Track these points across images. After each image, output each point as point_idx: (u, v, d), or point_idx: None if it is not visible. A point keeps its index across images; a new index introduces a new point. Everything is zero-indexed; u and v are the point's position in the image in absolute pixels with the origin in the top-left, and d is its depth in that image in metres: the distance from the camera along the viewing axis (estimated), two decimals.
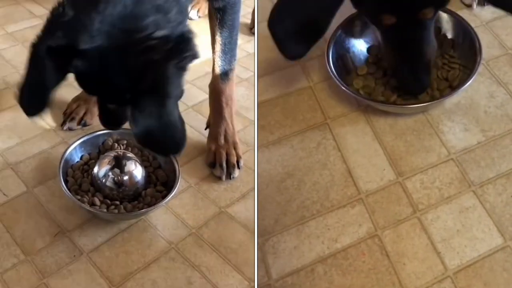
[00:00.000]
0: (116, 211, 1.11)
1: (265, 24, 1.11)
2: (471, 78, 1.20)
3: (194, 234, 1.10)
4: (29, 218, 1.11)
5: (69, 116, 1.31)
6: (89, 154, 1.22)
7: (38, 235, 1.09)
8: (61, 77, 0.92)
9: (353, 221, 1.09)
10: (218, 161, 1.23)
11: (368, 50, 1.33)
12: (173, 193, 1.11)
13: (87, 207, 1.09)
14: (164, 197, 1.12)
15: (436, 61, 1.27)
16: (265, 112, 1.29)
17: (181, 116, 0.97)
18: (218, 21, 1.19)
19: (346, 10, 1.29)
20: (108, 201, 1.12)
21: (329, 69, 1.25)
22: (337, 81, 1.23)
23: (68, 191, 1.10)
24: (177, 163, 1.16)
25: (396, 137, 1.21)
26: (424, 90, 1.20)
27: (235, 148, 1.24)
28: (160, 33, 0.91)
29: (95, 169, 1.13)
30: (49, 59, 0.88)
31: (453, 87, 1.23)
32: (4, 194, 1.16)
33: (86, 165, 1.20)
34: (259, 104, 1.31)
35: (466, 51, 1.27)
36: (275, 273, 1.04)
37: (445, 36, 1.30)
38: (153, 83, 0.91)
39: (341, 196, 1.13)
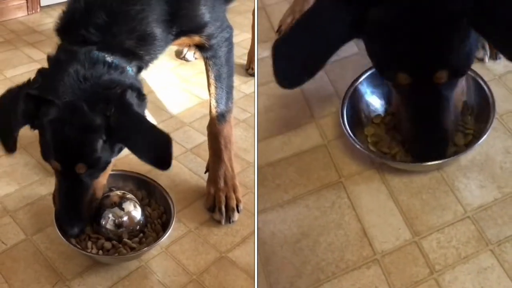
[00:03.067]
0: (117, 253, 1.10)
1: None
2: (486, 133, 1.20)
3: (195, 281, 1.08)
4: (28, 267, 1.11)
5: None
6: None
7: (37, 285, 1.08)
8: (26, 122, 1.04)
9: (369, 283, 1.08)
10: (218, 205, 1.24)
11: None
12: (172, 222, 1.12)
13: (86, 253, 1.09)
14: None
15: None
16: (280, 171, 1.30)
17: None
18: (210, 66, 1.24)
19: (360, 64, 1.31)
20: (109, 243, 1.12)
21: (343, 127, 1.26)
22: (351, 140, 1.24)
23: (65, 239, 1.10)
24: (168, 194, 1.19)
25: (411, 195, 1.21)
26: (435, 159, 1.16)
27: (234, 192, 1.25)
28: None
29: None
30: (23, 102, 1.01)
31: (468, 143, 1.23)
32: (3, 243, 1.16)
33: None
34: (275, 163, 1.32)
35: (479, 105, 1.27)
36: None
37: None
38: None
39: (357, 257, 1.12)
